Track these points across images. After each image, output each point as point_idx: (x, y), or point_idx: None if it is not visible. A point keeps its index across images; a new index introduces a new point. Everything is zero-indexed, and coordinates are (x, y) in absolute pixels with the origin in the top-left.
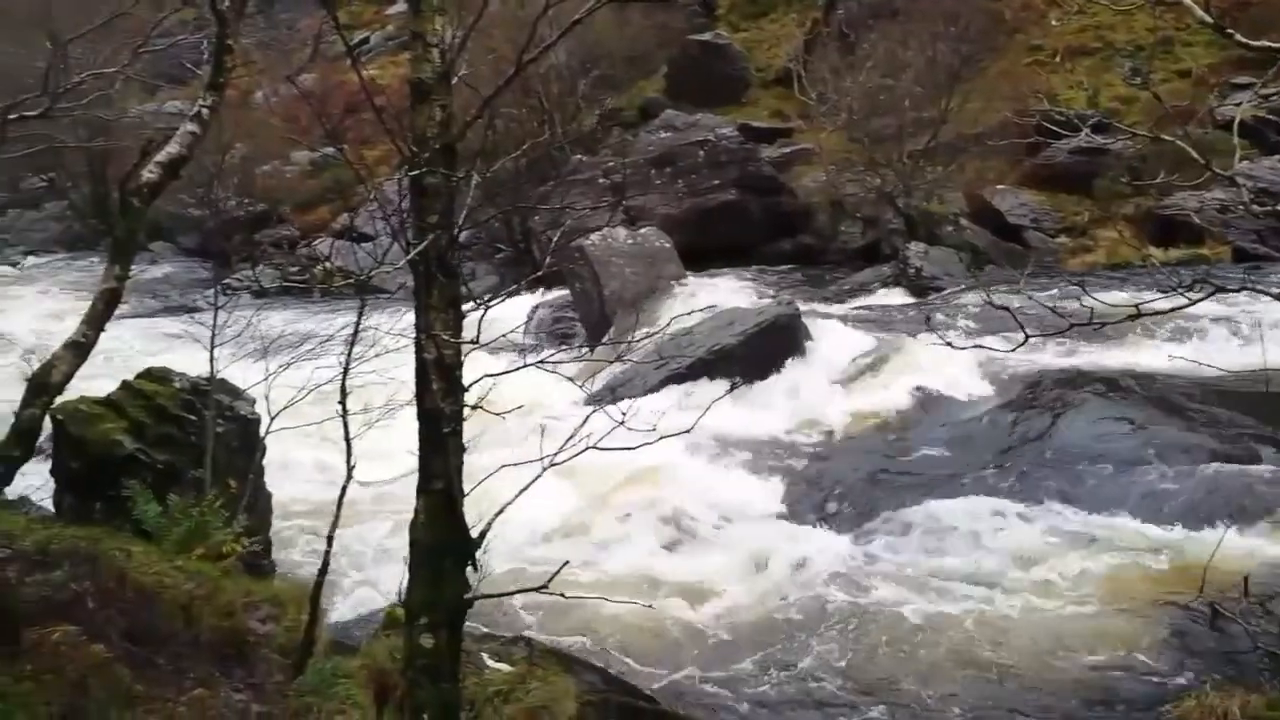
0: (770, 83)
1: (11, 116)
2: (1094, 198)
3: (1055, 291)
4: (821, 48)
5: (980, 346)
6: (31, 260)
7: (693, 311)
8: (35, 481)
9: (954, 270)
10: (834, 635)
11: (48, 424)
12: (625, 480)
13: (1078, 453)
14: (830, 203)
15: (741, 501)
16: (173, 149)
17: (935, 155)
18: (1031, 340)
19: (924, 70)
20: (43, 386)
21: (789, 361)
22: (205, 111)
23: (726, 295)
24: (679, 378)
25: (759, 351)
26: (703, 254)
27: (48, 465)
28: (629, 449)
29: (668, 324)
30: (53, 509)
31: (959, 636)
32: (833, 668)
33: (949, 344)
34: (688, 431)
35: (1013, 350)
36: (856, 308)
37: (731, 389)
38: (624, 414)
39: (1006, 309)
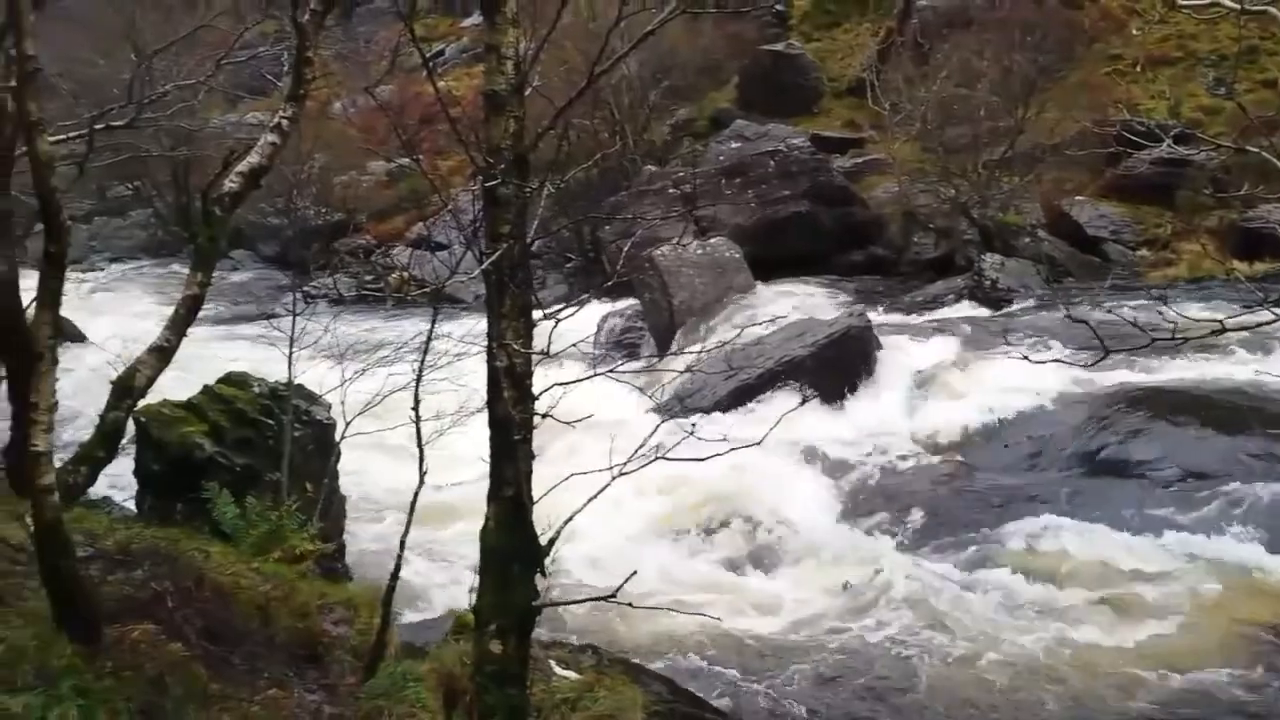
0: (843, 93)
1: (99, 126)
2: (1176, 210)
3: (1136, 305)
4: (895, 57)
5: (1058, 361)
6: (116, 266)
7: (763, 322)
8: (118, 482)
9: (1030, 282)
10: (904, 653)
11: (131, 426)
12: (694, 491)
13: (1159, 471)
14: (903, 213)
15: (811, 515)
16: (254, 159)
17: (1011, 165)
18: (1111, 355)
19: (1000, 80)
20: (127, 390)
21: (860, 374)
22: (285, 122)
23: (797, 306)
24: (748, 389)
25: (829, 363)
26: (773, 264)
27: (131, 466)
28: (698, 460)
29: (738, 334)
30: (134, 509)
31: (1037, 658)
32: (902, 686)
33: (1025, 358)
34: (757, 444)
35: (1092, 365)
36: (929, 320)
37: (802, 402)
38: (693, 425)
39: (1085, 323)
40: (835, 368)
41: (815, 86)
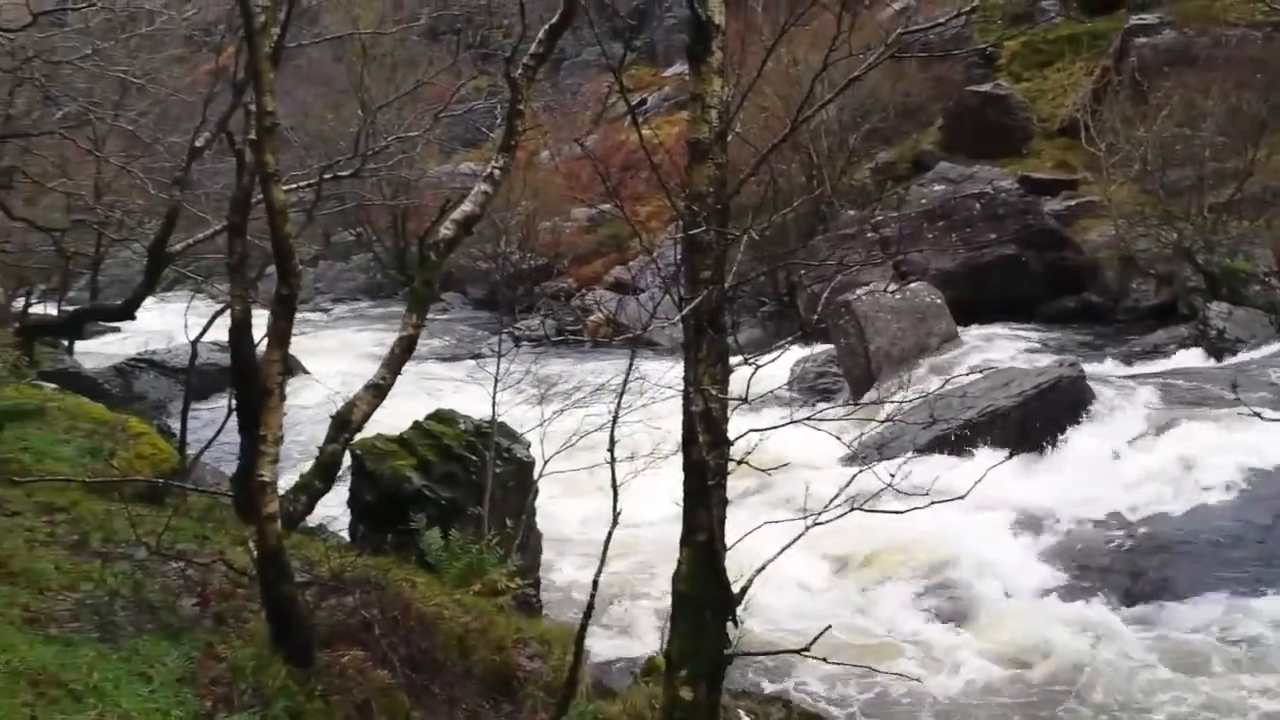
0: (1054, 134)
1: (327, 176)
2: None
3: None
4: (1111, 96)
5: None
6: (340, 307)
7: (967, 371)
8: (334, 512)
9: (1261, 333)
10: None
11: (348, 458)
12: (891, 543)
13: None
14: (1119, 258)
15: (1013, 574)
16: (467, 207)
17: (1240, 209)
18: None
19: (1227, 119)
20: (345, 424)
21: (1071, 427)
22: (497, 172)
23: (1002, 354)
24: (950, 439)
25: (1038, 415)
26: (977, 310)
27: (345, 496)
28: (897, 513)
29: (943, 384)
30: (348, 537)
31: None
32: None
33: (1256, 414)
34: (960, 498)
35: None
36: (1148, 371)
37: (1008, 455)
38: (891, 476)
39: None
40: (1044, 420)
41: (1025, 127)
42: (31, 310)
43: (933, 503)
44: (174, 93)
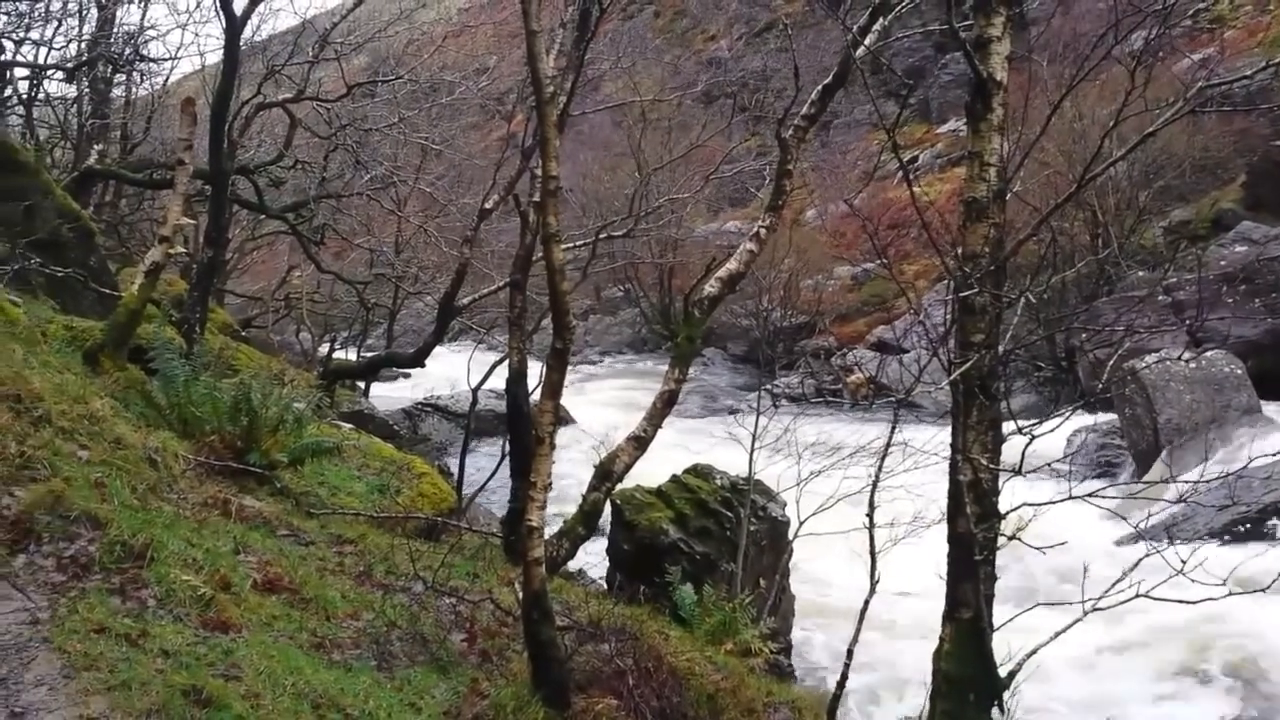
0: None
1: (602, 236)
2: None
3: None
4: None
5: None
6: (607, 360)
7: (1276, 454)
8: (593, 559)
9: None
10: None
11: (608, 507)
12: (1183, 634)
13: None
14: None
15: None
16: (732, 266)
17: None
18: None
19: None
20: (607, 473)
21: None
22: (763, 231)
23: None
24: (1251, 524)
25: None
26: None
27: (604, 544)
28: (1188, 602)
29: (1246, 464)
30: (605, 585)
31: None
32: None
33: None
34: (1263, 590)
35: None
36: None
37: None
38: (1182, 561)
39: None
40: None
41: None
42: (335, 355)
43: (1231, 593)
44: (468, 157)
